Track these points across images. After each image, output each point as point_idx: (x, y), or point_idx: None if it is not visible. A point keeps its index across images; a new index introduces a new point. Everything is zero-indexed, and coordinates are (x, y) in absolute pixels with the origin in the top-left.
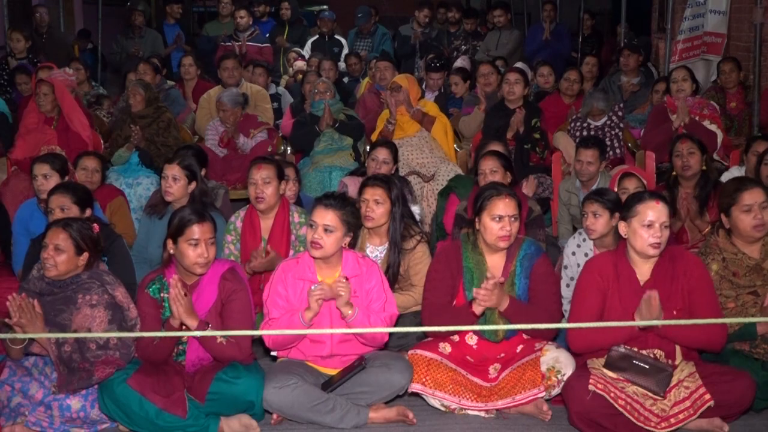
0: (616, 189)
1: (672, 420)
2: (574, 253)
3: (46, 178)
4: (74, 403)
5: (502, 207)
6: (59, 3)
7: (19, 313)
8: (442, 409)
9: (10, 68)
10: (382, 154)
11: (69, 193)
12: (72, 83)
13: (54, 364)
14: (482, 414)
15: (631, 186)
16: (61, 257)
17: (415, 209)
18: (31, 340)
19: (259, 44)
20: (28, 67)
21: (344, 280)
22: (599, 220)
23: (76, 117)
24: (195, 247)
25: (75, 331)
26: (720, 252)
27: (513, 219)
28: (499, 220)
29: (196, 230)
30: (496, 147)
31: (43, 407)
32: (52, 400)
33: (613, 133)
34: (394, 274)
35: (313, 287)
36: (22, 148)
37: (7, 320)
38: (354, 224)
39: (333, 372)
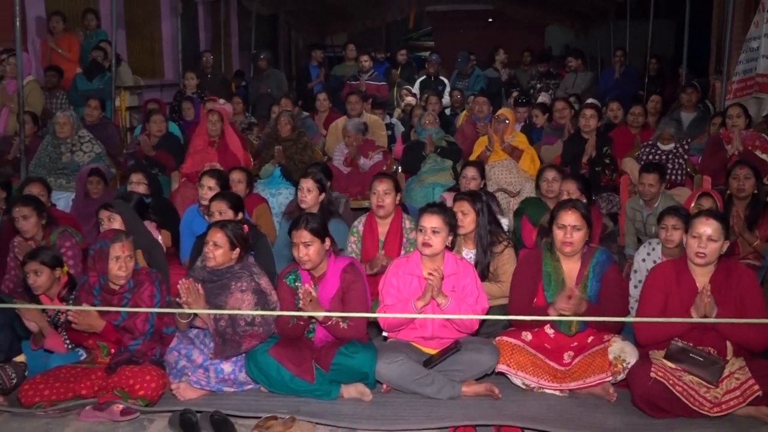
0: (693, 205)
1: (723, 406)
2: (644, 260)
3: (211, 189)
4: (226, 367)
5: (564, 217)
6: (221, 49)
7: (186, 293)
8: (523, 387)
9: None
10: (471, 172)
11: (226, 200)
12: (230, 114)
13: (212, 336)
14: (557, 393)
15: (706, 204)
16: (218, 251)
17: (504, 221)
18: (195, 315)
19: (377, 83)
20: (195, 99)
21: (435, 272)
22: (677, 232)
23: (232, 140)
24: (294, 247)
25: (232, 309)
26: None
27: (574, 228)
28: (561, 228)
29: (294, 235)
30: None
31: (202, 369)
32: (210, 364)
33: (677, 161)
34: (482, 272)
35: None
36: (190, 164)
37: (177, 299)
38: (454, 226)
39: (433, 352)
